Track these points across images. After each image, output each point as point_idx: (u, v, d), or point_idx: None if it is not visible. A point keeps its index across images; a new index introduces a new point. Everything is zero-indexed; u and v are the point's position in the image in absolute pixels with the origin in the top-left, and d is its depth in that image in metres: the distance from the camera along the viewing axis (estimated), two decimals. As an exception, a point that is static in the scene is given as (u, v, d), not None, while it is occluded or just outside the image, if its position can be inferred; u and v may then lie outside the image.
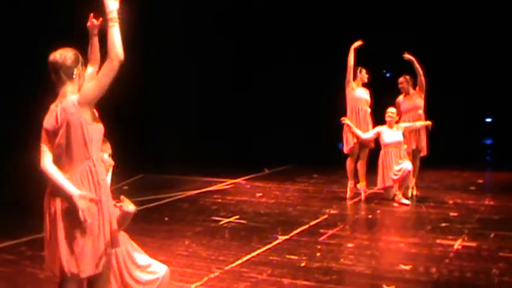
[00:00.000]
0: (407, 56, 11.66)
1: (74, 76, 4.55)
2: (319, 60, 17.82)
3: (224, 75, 18.66)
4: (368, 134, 11.70)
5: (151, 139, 16.39)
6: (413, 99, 11.89)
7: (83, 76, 4.67)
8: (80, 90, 4.54)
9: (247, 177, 14.91)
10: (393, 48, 15.51)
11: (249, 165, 15.89)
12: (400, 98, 12.07)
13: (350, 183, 11.89)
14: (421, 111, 11.91)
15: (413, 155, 11.96)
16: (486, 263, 7.70)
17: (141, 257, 5.10)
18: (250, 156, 16.91)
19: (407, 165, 11.40)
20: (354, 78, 11.62)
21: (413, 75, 11.82)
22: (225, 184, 14.00)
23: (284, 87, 18.46)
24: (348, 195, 11.85)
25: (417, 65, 11.64)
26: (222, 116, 18.57)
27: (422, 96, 11.87)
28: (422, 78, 11.73)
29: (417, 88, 11.84)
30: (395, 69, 17.13)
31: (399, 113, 11.80)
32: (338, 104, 12.11)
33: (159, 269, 5.15)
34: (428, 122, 11.80)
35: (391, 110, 11.70)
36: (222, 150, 17.44)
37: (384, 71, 17.91)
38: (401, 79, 11.97)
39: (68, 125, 4.42)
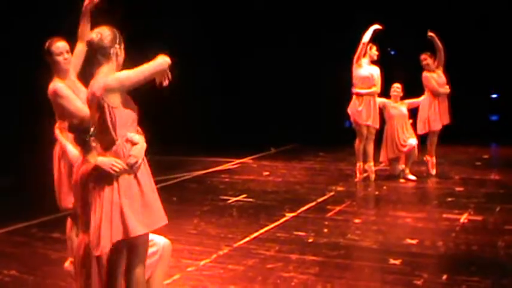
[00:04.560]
0: (430, 33, 11.49)
1: (111, 56, 4.55)
2: (327, 37, 17.80)
3: (227, 55, 18.66)
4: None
5: (158, 121, 16.43)
6: (441, 76, 11.78)
7: (122, 53, 4.66)
8: (117, 69, 4.58)
9: (254, 156, 14.98)
10: (397, 26, 15.57)
11: (255, 144, 15.95)
12: (427, 74, 11.75)
13: (359, 165, 11.70)
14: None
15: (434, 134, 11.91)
16: (492, 236, 7.78)
17: None
18: (257, 136, 16.95)
19: (412, 141, 11.44)
20: (364, 55, 11.45)
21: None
22: (232, 164, 14.07)
23: (290, 66, 18.44)
24: (357, 177, 11.69)
25: (438, 42, 11.52)
26: (228, 96, 18.60)
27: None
28: (443, 54, 11.66)
29: (436, 63, 11.72)
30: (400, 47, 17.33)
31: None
32: (344, 82, 12.11)
33: (159, 240, 5.20)
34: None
35: (397, 85, 11.71)
36: (229, 131, 17.49)
37: (389, 49, 17.87)
38: (423, 56, 11.83)
39: (96, 106, 4.50)
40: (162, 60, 4.54)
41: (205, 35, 18.22)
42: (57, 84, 5.84)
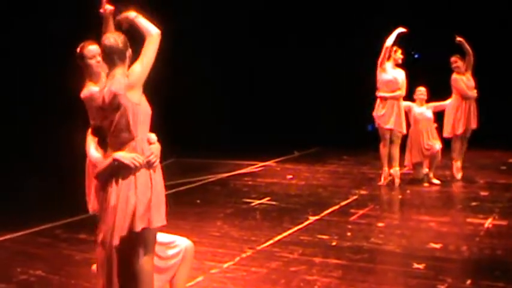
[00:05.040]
0: (458, 39, 11.43)
1: (126, 58, 4.76)
2: (351, 39, 17.75)
3: (252, 58, 18.64)
4: None
5: (182, 124, 16.50)
6: (470, 80, 11.72)
7: (131, 58, 4.82)
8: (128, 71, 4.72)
9: (277, 159, 14.98)
10: (422, 28, 15.50)
11: (279, 148, 15.95)
12: (456, 76, 11.66)
13: (384, 169, 11.60)
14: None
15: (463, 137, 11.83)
16: (517, 241, 7.75)
17: (164, 236, 5.16)
18: (280, 139, 16.95)
19: (436, 145, 11.37)
20: (388, 59, 11.41)
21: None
22: (256, 167, 14.08)
23: (314, 69, 18.42)
24: (381, 180, 11.64)
25: (467, 46, 11.45)
26: (252, 99, 18.59)
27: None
28: (472, 58, 11.57)
29: (465, 66, 11.65)
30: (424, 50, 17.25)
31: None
32: (367, 85, 12.09)
33: (181, 242, 5.23)
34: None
35: (422, 89, 11.65)
36: (252, 134, 17.49)
37: (412, 52, 17.79)
38: (454, 58, 11.78)
39: (116, 106, 4.61)
40: (156, 36, 4.74)
41: (230, 35, 18.22)
42: (92, 89, 5.87)
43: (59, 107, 12.17)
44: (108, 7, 5.67)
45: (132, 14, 4.84)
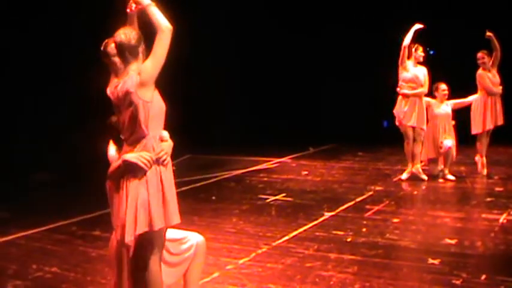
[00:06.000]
0: (488, 33, 11.39)
1: (139, 54, 4.71)
2: (367, 37, 17.73)
3: (267, 55, 18.65)
4: None
5: (197, 120, 16.54)
6: (496, 76, 11.72)
7: (144, 54, 4.77)
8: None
9: (292, 156, 14.99)
10: (437, 25, 15.46)
11: (294, 144, 15.96)
12: (482, 72, 11.68)
13: (410, 166, 11.61)
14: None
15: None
16: (532, 237, 7.74)
17: (176, 232, 5.16)
18: (295, 135, 16.97)
19: (447, 142, 11.34)
20: (409, 57, 11.40)
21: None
22: (271, 163, 14.10)
23: (329, 66, 18.42)
24: (404, 176, 11.63)
25: (496, 42, 11.40)
26: (267, 95, 18.60)
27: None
28: (499, 54, 11.54)
29: (491, 62, 11.66)
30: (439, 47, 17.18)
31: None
32: (383, 82, 12.08)
33: (193, 237, 5.23)
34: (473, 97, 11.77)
35: (444, 87, 11.59)
36: (268, 130, 17.51)
37: (428, 49, 17.71)
38: (480, 54, 11.73)
39: (128, 103, 4.60)
40: (168, 33, 4.61)
41: (239, 33, 18.24)
42: None
43: (75, 105, 12.25)
44: (134, 6, 5.70)
45: (145, 0, 4.74)
